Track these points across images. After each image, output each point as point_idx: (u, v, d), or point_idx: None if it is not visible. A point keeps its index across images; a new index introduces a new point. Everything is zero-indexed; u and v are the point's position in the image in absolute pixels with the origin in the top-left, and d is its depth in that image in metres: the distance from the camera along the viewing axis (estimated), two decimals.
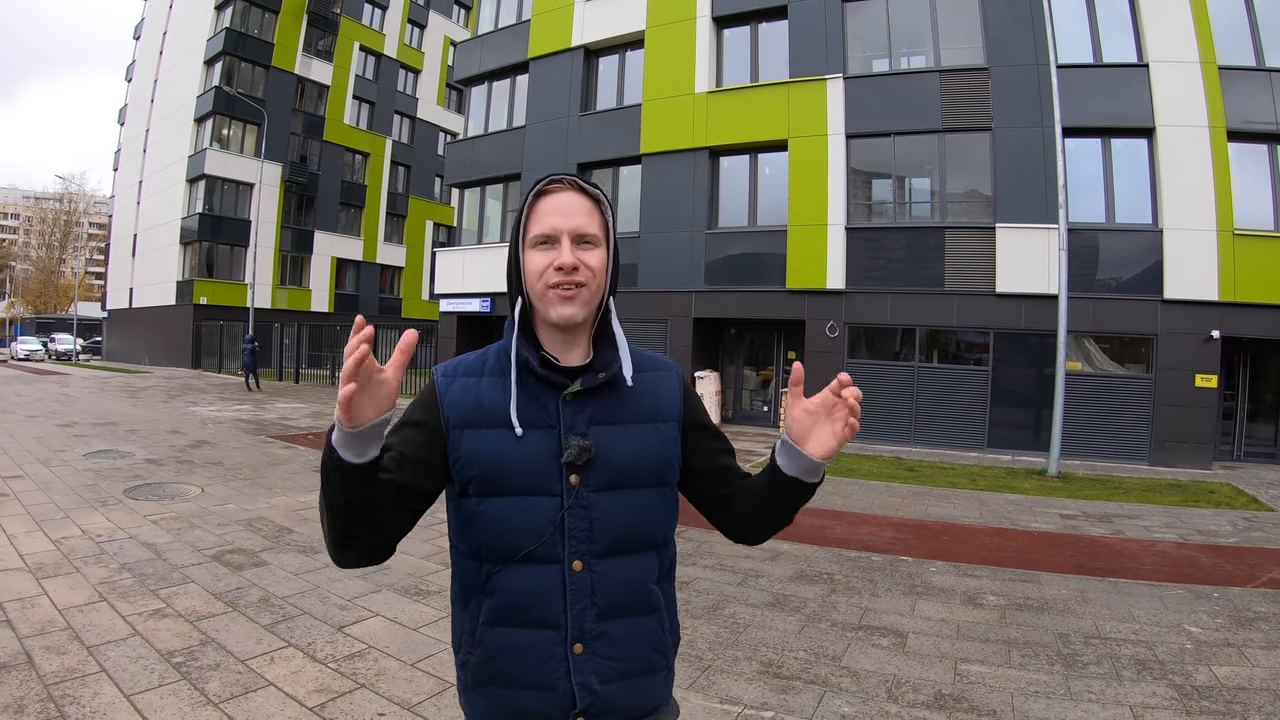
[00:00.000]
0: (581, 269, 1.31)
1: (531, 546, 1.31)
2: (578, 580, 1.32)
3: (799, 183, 16.74)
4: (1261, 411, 15.67)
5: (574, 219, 1.33)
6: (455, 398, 1.37)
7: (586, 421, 1.35)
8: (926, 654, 4.44)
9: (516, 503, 1.32)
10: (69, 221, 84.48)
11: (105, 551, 5.80)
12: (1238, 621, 5.18)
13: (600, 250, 1.35)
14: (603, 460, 1.34)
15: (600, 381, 1.36)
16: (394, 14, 42.66)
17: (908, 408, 15.79)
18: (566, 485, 1.32)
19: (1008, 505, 9.50)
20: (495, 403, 1.35)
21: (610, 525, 1.34)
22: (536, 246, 1.34)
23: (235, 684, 3.66)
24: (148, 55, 43.94)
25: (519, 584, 1.32)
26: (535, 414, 1.35)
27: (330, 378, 27.66)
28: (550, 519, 1.31)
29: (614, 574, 1.35)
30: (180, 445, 11.66)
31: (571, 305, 1.32)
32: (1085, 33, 15.02)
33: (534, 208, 1.36)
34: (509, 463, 1.32)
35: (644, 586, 1.39)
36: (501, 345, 1.43)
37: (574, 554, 1.32)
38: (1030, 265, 14.54)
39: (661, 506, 1.41)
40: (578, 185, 1.36)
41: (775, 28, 17.75)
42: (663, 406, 1.44)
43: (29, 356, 41.84)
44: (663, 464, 1.41)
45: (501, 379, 1.38)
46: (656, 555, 1.42)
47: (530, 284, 1.35)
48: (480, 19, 24.07)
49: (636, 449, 1.38)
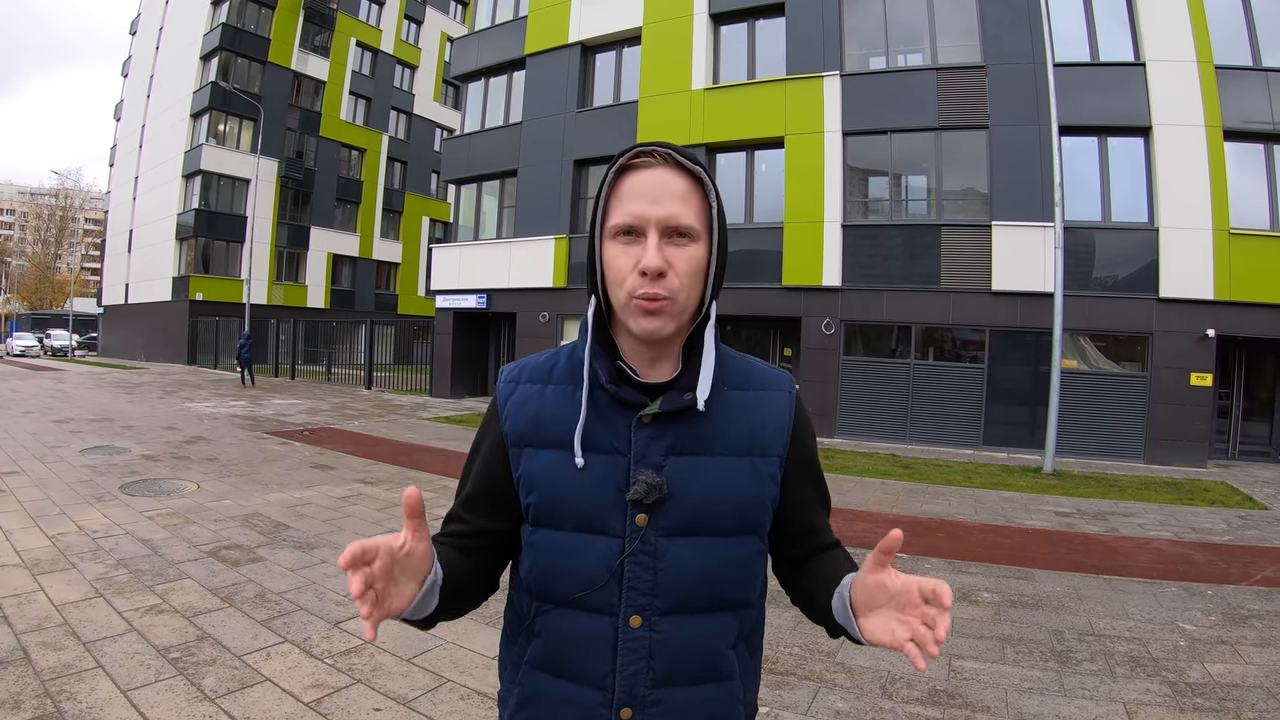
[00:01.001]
0: (670, 275, 1.07)
1: (579, 592, 1.11)
2: (633, 638, 1.11)
3: (796, 180, 16.74)
4: (1256, 410, 15.71)
5: (664, 205, 1.07)
6: (515, 408, 1.19)
7: (664, 450, 1.12)
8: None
9: (567, 540, 1.13)
10: (65, 217, 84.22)
11: (101, 547, 5.79)
12: (1231, 619, 5.20)
13: (698, 246, 1.10)
14: (677, 499, 1.11)
15: (686, 404, 1.12)
16: (391, 9, 42.57)
17: (903, 405, 15.81)
18: (631, 525, 1.11)
19: (1003, 502, 9.52)
20: (559, 418, 1.15)
21: (680, 577, 1.12)
22: (617, 238, 1.10)
23: (231, 679, 3.67)
24: (144, 51, 43.81)
25: (564, 631, 1.14)
26: (602, 437, 1.13)
27: (326, 374, 27.61)
28: (606, 564, 1.11)
29: (679, 635, 1.12)
30: (176, 441, 11.64)
31: (656, 319, 1.08)
32: (1082, 31, 15.04)
33: (616, 187, 1.11)
34: (564, 492, 1.12)
35: (715, 652, 1.15)
36: (575, 347, 1.21)
37: (632, 607, 1.11)
38: (1026, 263, 14.56)
39: (746, 560, 1.17)
40: (673, 159, 1.11)
41: (772, 25, 17.74)
42: (764, 436, 1.18)
43: (25, 352, 41.71)
44: (753, 509, 1.17)
45: (570, 389, 1.17)
46: (735, 616, 1.17)
47: (611, 286, 1.12)
48: (477, 15, 24.00)
49: (722, 488, 1.14)
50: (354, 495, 8.34)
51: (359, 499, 8.16)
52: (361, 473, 9.78)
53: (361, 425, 14.88)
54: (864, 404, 16.15)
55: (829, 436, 16.05)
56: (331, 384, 25.89)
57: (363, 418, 16.26)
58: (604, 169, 1.12)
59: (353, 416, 16.37)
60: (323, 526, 6.85)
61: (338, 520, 7.13)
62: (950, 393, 15.50)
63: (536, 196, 20.52)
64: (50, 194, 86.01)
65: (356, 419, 15.93)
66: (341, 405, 18.76)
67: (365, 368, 25.42)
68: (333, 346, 28.74)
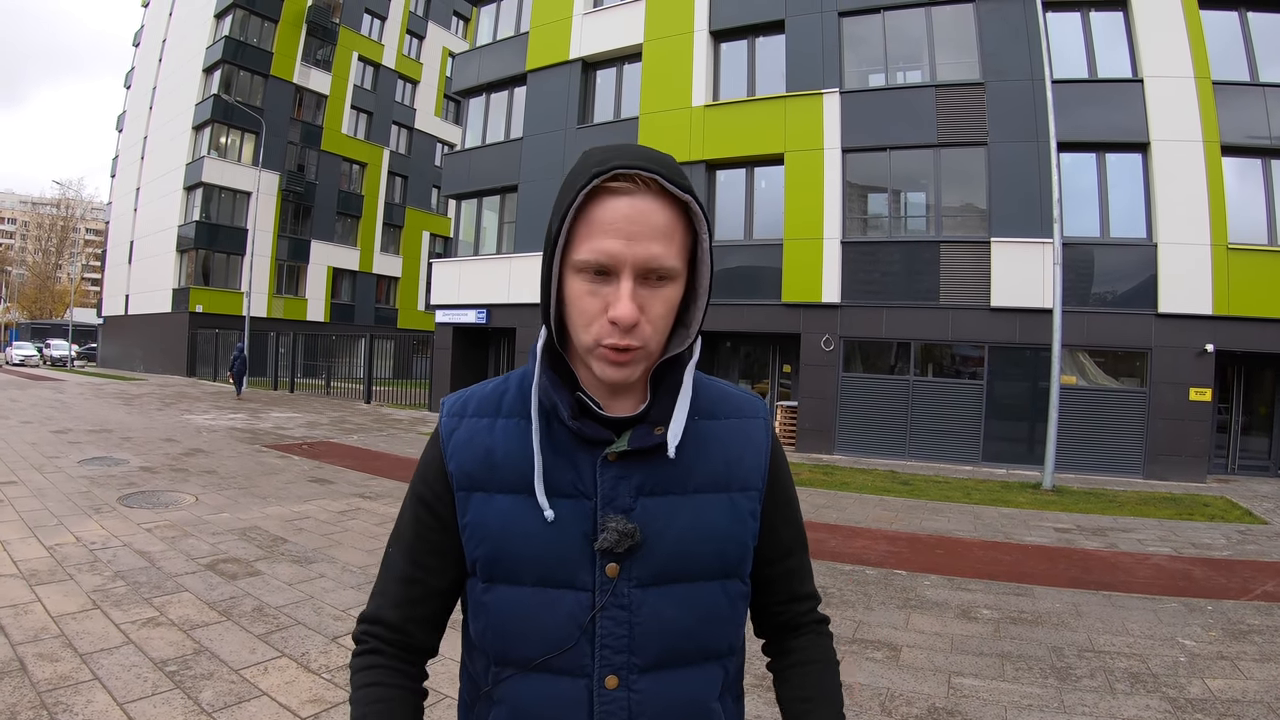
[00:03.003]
0: (643, 324, 0.92)
1: (546, 654, 0.98)
2: (610, 700, 0.98)
3: (795, 196, 16.79)
4: (1255, 425, 15.72)
5: (645, 245, 0.90)
6: (461, 446, 1.04)
7: (633, 491, 1.00)
8: (920, 667, 4.44)
9: (529, 596, 0.99)
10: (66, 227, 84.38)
11: (99, 559, 5.78)
12: (1231, 634, 5.19)
13: (673, 287, 0.95)
14: (652, 545, 0.99)
15: (657, 441, 0.99)
16: (393, 25, 42.82)
17: (902, 421, 15.80)
18: (600, 577, 0.98)
19: (1002, 519, 9.51)
20: (511, 457, 1.01)
21: (658, 631, 1.00)
22: (582, 273, 0.92)
23: (229, 693, 3.66)
24: (147, 62, 44.05)
25: (529, 699, 1.00)
26: (563, 478, 1.00)
27: (325, 387, 27.60)
28: (576, 621, 0.98)
29: (660, 694, 1.00)
30: (175, 453, 11.63)
31: (625, 369, 0.95)
32: (1080, 48, 15.14)
33: (586, 210, 0.92)
34: (523, 544, 0.99)
35: (702, 708, 1.04)
36: (525, 373, 1.07)
37: (607, 667, 0.98)
38: (1025, 279, 14.60)
39: (728, 605, 1.05)
40: (658, 186, 0.91)
41: (772, 42, 17.84)
42: (741, 469, 1.07)
43: (24, 362, 41.67)
44: (733, 549, 1.05)
45: (522, 422, 1.03)
46: (719, 665, 1.06)
47: (574, 327, 0.96)
48: (479, 31, 24.20)
49: (699, 530, 1.02)
50: (352, 510, 8.33)
51: (357, 513, 8.14)
52: (360, 487, 9.77)
53: (360, 439, 14.87)
54: (863, 420, 16.14)
55: (828, 453, 16.03)
56: (330, 398, 25.88)
57: (361, 432, 16.25)
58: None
59: (351, 430, 16.36)
60: (321, 540, 6.84)
61: (336, 534, 7.12)
62: (949, 409, 15.49)
63: (537, 212, 20.57)
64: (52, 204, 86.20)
65: (355, 433, 15.92)
66: (340, 419, 18.75)
67: (364, 382, 25.41)
68: (332, 360, 28.75)
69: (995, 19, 15.40)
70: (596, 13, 20.35)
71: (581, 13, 20.53)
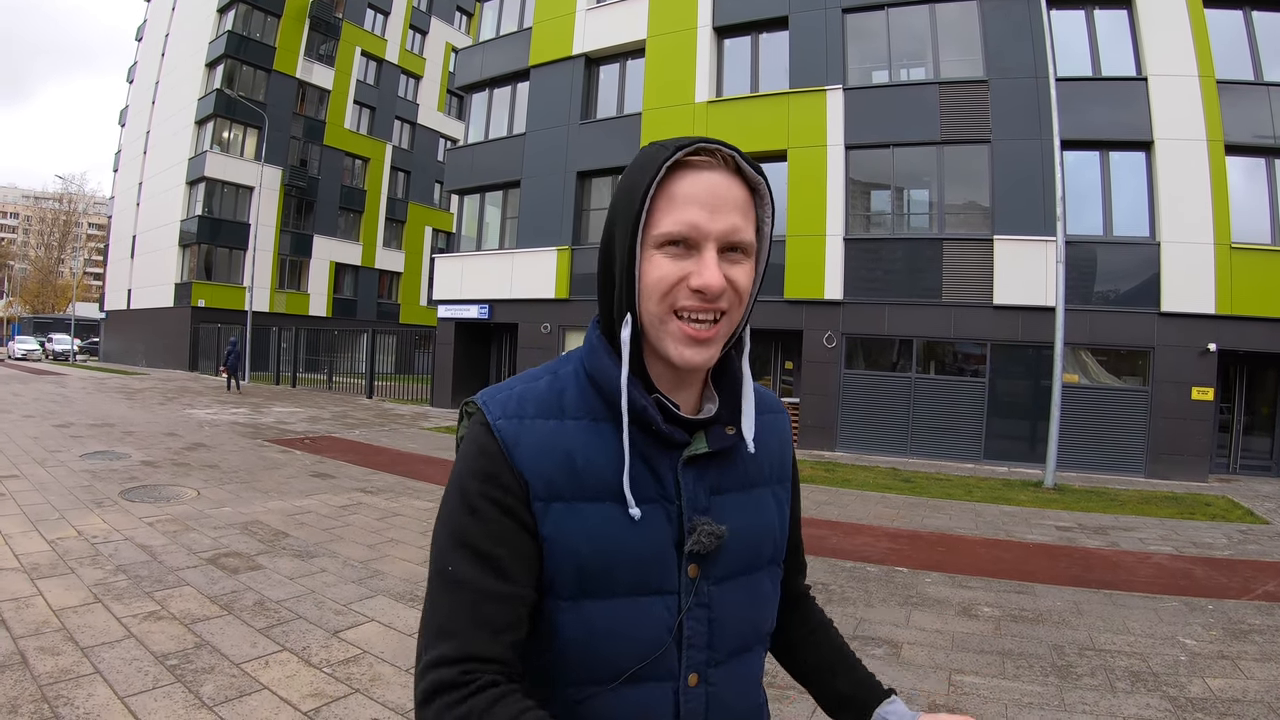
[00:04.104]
0: (727, 294, 0.92)
1: (640, 665, 0.94)
2: (693, 699, 0.98)
3: (798, 193, 16.77)
4: (1257, 424, 15.70)
5: (726, 217, 0.91)
6: (534, 451, 0.94)
7: (707, 491, 0.99)
8: (921, 665, 4.44)
9: (624, 607, 0.94)
10: (68, 222, 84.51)
11: (100, 553, 5.79)
12: (1232, 634, 5.18)
13: (749, 265, 0.96)
14: (727, 543, 0.99)
15: (732, 441, 1.00)
16: (396, 19, 42.81)
17: (904, 419, 15.79)
18: (684, 579, 0.97)
19: (1003, 517, 9.50)
20: (593, 463, 0.95)
21: (731, 624, 1.01)
22: (663, 248, 0.91)
23: (230, 687, 3.66)
24: (149, 57, 44.04)
25: (620, 713, 0.95)
26: (647, 483, 0.96)
27: (327, 382, 27.61)
28: (666, 626, 0.96)
29: (730, 684, 1.02)
30: (176, 448, 11.64)
31: (704, 349, 0.93)
32: (1085, 46, 15.11)
33: (666, 186, 0.91)
34: (617, 553, 0.94)
35: (756, 690, 1.09)
36: (582, 370, 1.01)
37: (690, 666, 0.97)
38: (1028, 277, 14.58)
39: (773, 589, 1.09)
40: (735, 164, 0.93)
41: (776, 38, 17.81)
42: (780, 462, 1.11)
43: (26, 356, 41.76)
44: (780, 536, 1.10)
45: (592, 424, 0.97)
46: (764, 649, 1.11)
47: (645, 298, 0.93)
48: (482, 26, 24.15)
49: (759, 522, 1.05)
50: (354, 504, 8.34)
51: (359, 508, 8.15)
52: (361, 482, 9.78)
53: (362, 434, 14.88)
54: (865, 417, 16.14)
55: (830, 450, 16.04)
56: (332, 392, 25.89)
57: (363, 426, 16.26)
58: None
59: (353, 425, 16.37)
60: (322, 535, 6.84)
61: (337, 529, 7.12)
62: (951, 407, 15.49)
63: (539, 208, 20.56)
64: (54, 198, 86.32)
65: (357, 428, 15.93)
66: (342, 414, 18.77)
67: (366, 377, 25.44)
68: (334, 355, 28.78)
69: (999, 16, 15.36)
70: (600, 8, 20.30)
71: (585, 8, 20.49)
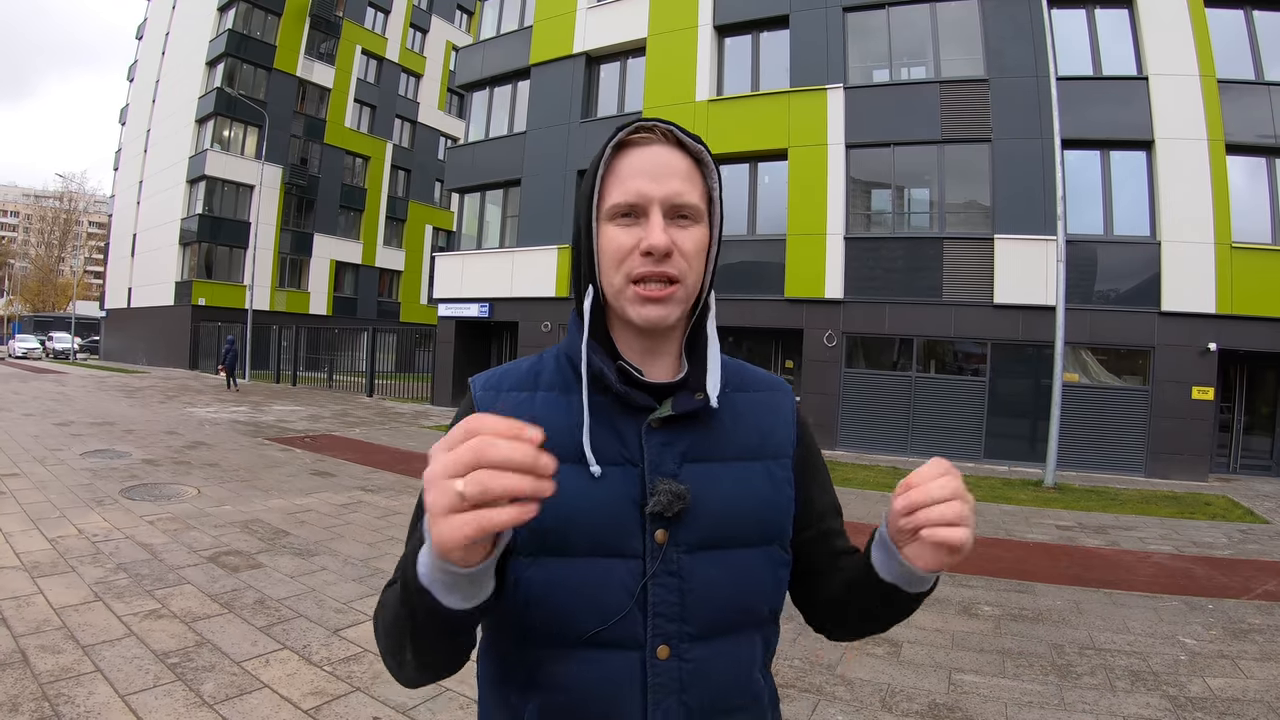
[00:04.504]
0: (675, 255, 0.97)
1: (598, 626, 0.96)
2: (663, 671, 0.98)
3: (798, 192, 16.77)
4: (1257, 424, 15.69)
5: (668, 183, 0.97)
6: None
7: (678, 458, 1.01)
8: (921, 663, 4.44)
9: (582, 566, 0.97)
10: (69, 220, 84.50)
11: (101, 551, 5.79)
12: (1232, 633, 5.19)
13: (700, 229, 1.01)
14: (698, 510, 1.00)
15: (699, 404, 1.02)
16: (396, 18, 42.79)
17: (904, 418, 15.80)
18: (650, 543, 0.98)
19: (1004, 516, 9.51)
20: (556, 428, 0.96)
21: (709, 597, 1.00)
22: (615, 220, 0.99)
23: (230, 685, 3.67)
24: (150, 55, 44.01)
25: (581, 677, 0.97)
26: (610, 446, 1.00)
27: (327, 381, 27.62)
28: (628, 589, 0.97)
29: (711, 662, 1.00)
30: (177, 446, 11.65)
31: (660, 306, 0.98)
32: (1085, 45, 15.09)
33: (613, 166, 1.00)
34: (574, 511, 0.96)
35: (748, 677, 1.05)
36: (562, 349, 1.09)
37: (659, 636, 0.98)
38: (1028, 276, 14.57)
39: (770, 572, 1.06)
40: (674, 137, 1.00)
41: (776, 37, 17.80)
42: (774, 438, 1.10)
43: (26, 354, 41.77)
44: (773, 516, 1.07)
45: (562, 396, 1.04)
46: (761, 635, 1.07)
47: (605, 271, 1.00)
48: (482, 24, 24.13)
49: (741, 495, 1.04)
50: (354, 503, 8.34)
51: (359, 506, 8.15)
52: (362, 480, 9.78)
53: (363, 433, 14.89)
54: (865, 416, 16.14)
55: (830, 449, 16.03)
56: (333, 391, 25.89)
57: (364, 425, 16.27)
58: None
59: (354, 424, 16.38)
60: (323, 534, 6.85)
61: (338, 527, 7.13)
62: (951, 406, 15.49)
63: (540, 206, 20.56)
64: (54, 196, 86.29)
65: (358, 426, 15.94)
66: (343, 412, 18.77)
67: (367, 375, 25.44)
68: (335, 353, 28.75)
69: (1000, 15, 15.35)
70: (600, 7, 20.29)
71: (585, 7, 20.48)
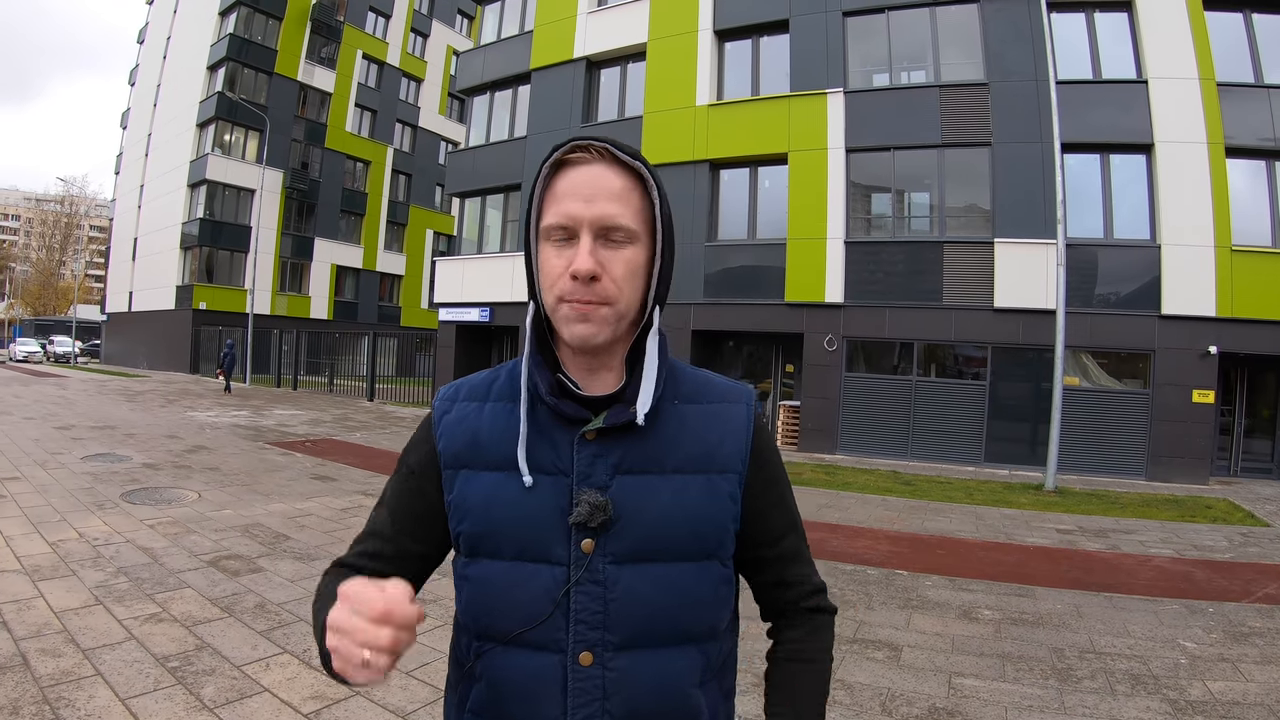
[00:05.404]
0: (605, 280, 0.98)
1: (521, 628, 1.01)
2: (584, 677, 1.00)
3: (799, 196, 16.79)
4: (1258, 427, 15.70)
5: (598, 204, 0.98)
6: (450, 427, 1.10)
7: (610, 469, 1.03)
8: (921, 667, 4.44)
9: (507, 569, 1.02)
10: (70, 224, 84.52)
11: (102, 555, 5.79)
12: (1233, 636, 5.18)
13: (636, 248, 1.01)
14: (627, 522, 1.01)
15: (630, 417, 1.02)
16: (397, 23, 42.87)
17: (905, 421, 15.80)
18: (575, 552, 1.01)
19: (1004, 520, 9.50)
20: (497, 437, 1.06)
21: (633, 609, 1.01)
22: (551, 239, 1.01)
23: (231, 689, 3.67)
24: (151, 60, 44.15)
25: (506, 673, 1.03)
26: (544, 455, 1.04)
27: (328, 385, 27.62)
28: (550, 595, 1.00)
29: (636, 673, 1.01)
30: (178, 450, 11.65)
31: (587, 324, 0.98)
32: (1085, 49, 15.12)
33: (551, 185, 1.02)
34: (502, 518, 1.03)
35: (679, 691, 1.04)
36: (516, 363, 1.12)
37: (581, 643, 1.00)
38: (1028, 280, 14.58)
39: (707, 587, 1.05)
40: (610, 154, 1.00)
41: (776, 41, 17.83)
42: (721, 451, 1.08)
43: (27, 358, 41.78)
44: (711, 530, 1.05)
45: (509, 406, 1.08)
46: (699, 650, 1.06)
47: (543, 289, 1.03)
48: (483, 29, 24.21)
49: (675, 509, 1.03)
50: (355, 507, 8.34)
51: (360, 511, 8.15)
52: (362, 484, 9.78)
53: (363, 437, 14.89)
54: (866, 420, 16.14)
55: (830, 453, 16.03)
56: (333, 395, 25.90)
57: (365, 429, 16.27)
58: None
59: (354, 428, 16.39)
60: (323, 538, 6.85)
61: (338, 532, 7.13)
62: (952, 409, 15.49)
63: None
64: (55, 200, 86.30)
65: (358, 431, 15.94)
66: (343, 417, 18.78)
67: (368, 379, 25.43)
68: (335, 358, 28.78)
69: (1000, 19, 15.39)
70: (601, 11, 20.34)
71: (586, 11, 20.52)
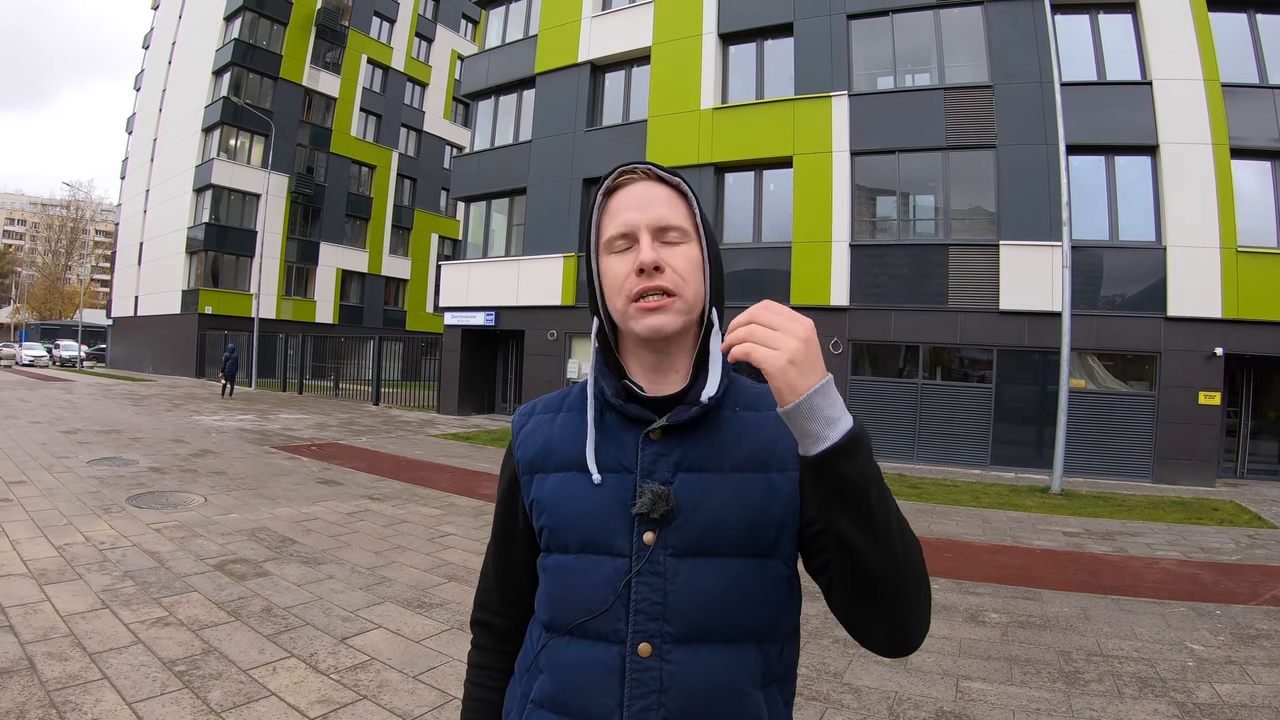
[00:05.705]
0: (668, 271, 1.05)
1: (584, 618, 1.06)
2: (642, 669, 1.02)
3: (803, 199, 16.77)
4: (1265, 429, 15.62)
5: (653, 209, 1.08)
6: (526, 438, 1.19)
7: (672, 466, 1.07)
8: (928, 671, 4.43)
9: (574, 562, 1.09)
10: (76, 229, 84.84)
11: (108, 559, 5.81)
12: (1240, 639, 5.16)
13: (689, 246, 1.09)
14: (688, 516, 1.05)
15: (693, 415, 1.07)
16: (402, 27, 42.97)
17: (910, 425, 15.76)
18: (638, 544, 1.05)
19: (1010, 522, 9.48)
20: (567, 442, 1.14)
21: (693, 601, 1.03)
22: (614, 251, 1.10)
23: (237, 693, 3.67)
24: (156, 65, 44.30)
25: (567, 663, 1.07)
26: (610, 455, 1.10)
27: (334, 389, 27.66)
28: (611, 585, 1.05)
29: (694, 667, 1.02)
30: (183, 454, 11.68)
31: (660, 315, 1.05)
32: (1089, 50, 15.10)
33: (605, 208, 1.13)
34: (569, 512, 1.09)
35: (737, 690, 1.04)
36: (589, 379, 1.19)
37: (640, 634, 1.03)
38: (1034, 282, 14.55)
39: (766, 585, 1.07)
40: (654, 174, 1.12)
41: (781, 45, 17.84)
42: (779, 450, 1.09)
43: (33, 362, 41.92)
44: (769, 526, 1.07)
45: (579, 415, 1.16)
46: (759, 650, 1.07)
47: (609, 297, 1.11)
48: (487, 33, 24.23)
49: (735, 504, 1.06)
50: (361, 511, 8.36)
51: (366, 515, 8.16)
52: (369, 489, 9.80)
53: (369, 441, 14.91)
54: (871, 423, 16.08)
55: None
56: (339, 399, 25.93)
57: (370, 434, 16.29)
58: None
59: (360, 432, 16.41)
60: (330, 542, 6.86)
61: (345, 536, 7.14)
62: (958, 412, 15.45)
63: (545, 215, 20.60)
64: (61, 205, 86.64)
65: (364, 435, 15.97)
66: (349, 421, 18.81)
67: (373, 384, 25.46)
68: (341, 362, 28.81)
69: (1004, 21, 15.37)
70: (605, 15, 20.37)
71: (590, 15, 20.56)
